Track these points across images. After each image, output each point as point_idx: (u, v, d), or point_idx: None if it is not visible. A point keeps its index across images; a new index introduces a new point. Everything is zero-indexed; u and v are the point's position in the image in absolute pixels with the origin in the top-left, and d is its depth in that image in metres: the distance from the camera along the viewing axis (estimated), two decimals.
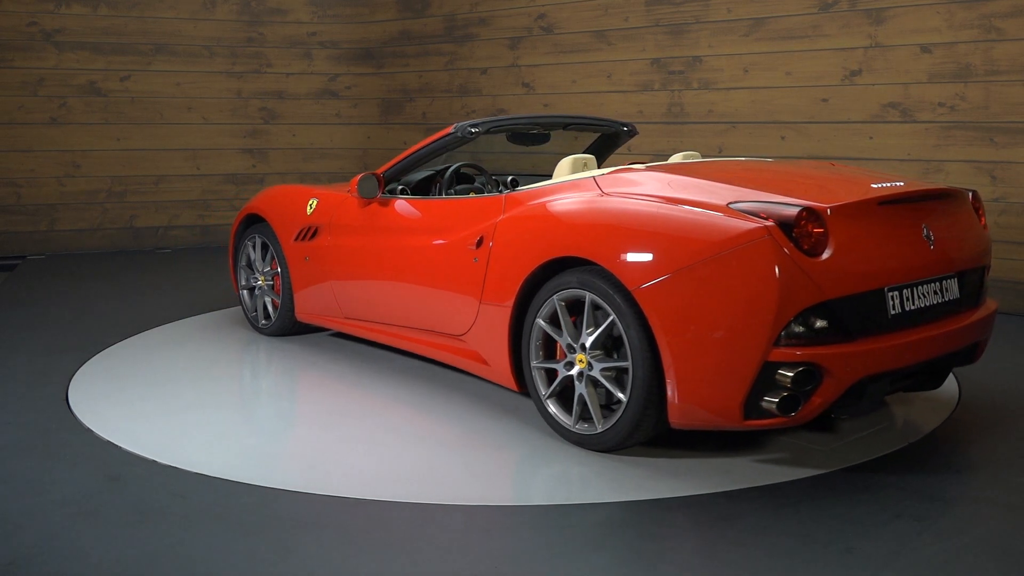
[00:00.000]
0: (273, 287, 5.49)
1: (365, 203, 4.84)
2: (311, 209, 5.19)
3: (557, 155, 4.65)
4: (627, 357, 3.42)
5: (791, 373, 3.16)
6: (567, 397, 3.73)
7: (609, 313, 3.47)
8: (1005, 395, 4.34)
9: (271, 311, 5.50)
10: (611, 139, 5.39)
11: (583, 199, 3.74)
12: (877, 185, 3.58)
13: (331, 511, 3.13)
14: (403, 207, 4.66)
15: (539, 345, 3.79)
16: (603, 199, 3.67)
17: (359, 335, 4.99)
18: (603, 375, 3.53)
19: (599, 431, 3.55)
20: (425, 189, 4.99)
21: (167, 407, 4.22)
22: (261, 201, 5.60)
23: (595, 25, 8.06)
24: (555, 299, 3.67)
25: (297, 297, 5.28)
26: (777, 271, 3.14)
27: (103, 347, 5.26)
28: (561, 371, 3.69)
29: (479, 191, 4.97)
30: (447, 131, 4.56)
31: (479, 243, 4.06)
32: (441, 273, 4.28)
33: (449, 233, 4.28)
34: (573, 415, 3.66)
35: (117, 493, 3.26)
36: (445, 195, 4.84)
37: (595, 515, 3.08)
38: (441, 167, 5.01)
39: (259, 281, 5.55)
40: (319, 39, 9.80)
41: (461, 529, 2.99)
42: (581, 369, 3.60)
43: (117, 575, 2.68)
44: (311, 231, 5.13)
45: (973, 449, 3.73)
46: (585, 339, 3.58)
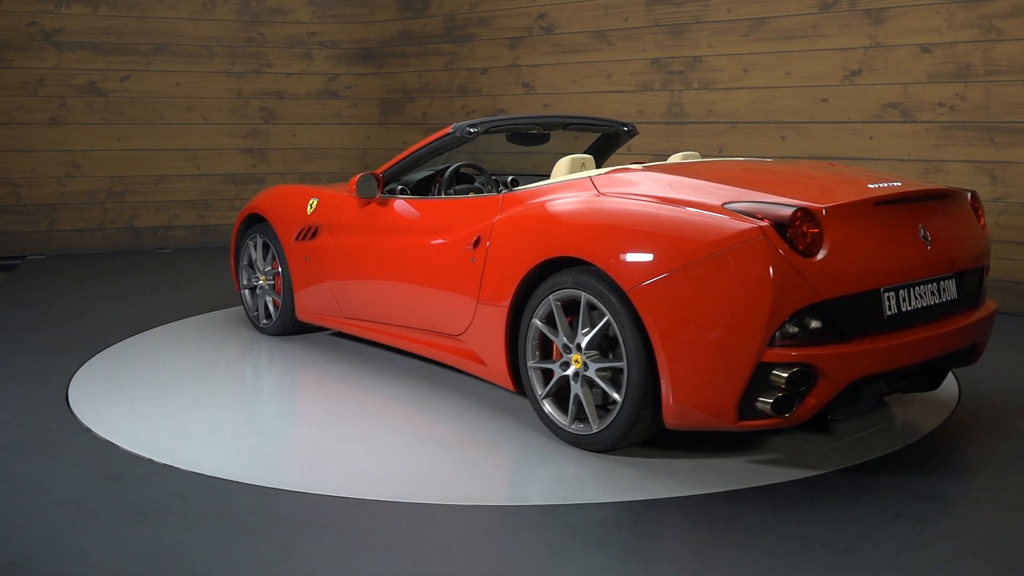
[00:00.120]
0: (274, 287, 5.49)
1: (364, 203, 4.85)
2: (311, 209, 5.20)
3: (557, 155, 4.65)
4: (622, 357, 3.42)
5: (785, 374, 3.15)
6: (563, 397, 3.72)
7: (604, 313, 3.47)
8: (1005, 395, 4.34)
9: (272, 311, 5.50)
10: (611, 139, 5.39)
11: (579, 199, 3.74)
12: (874, 185, 3.57)
13: (331, 511, 3.13)
14: (402, 207, 4.66)
15: (535, 345, 3.79)
16: (599, 199, 3.67)
17: (359, 335, 5.00)
18: (598, 375, 3.53)
19: (594, 431, 3.55)
20: (425, 189, 5.00)
21: (167, 407, 4.22)
22: (262, 201, 5.60)
23: (595, 25, 8.06)
24: (551, 299, 3.67)
25: (297, 297, 5.28)
26: (771, 271, 3.14)
27: (103, 347, 5.26)
28: (557, 371, 3.69)
29: (479, 191, 4.97)
30: (446, 131, 4.56)
31: (476, 243, 4.07)
32: (439, 273, 4.28)
33: (447, 233, 4.28)
34: (569, 415, 3.66)
35: (117, 493, 3.26)
36: (444, 195, 4.84)
37: (593, 515, 3.08)
38: (441, 167, 5.02)
39: (260, 281, 5.55)
40: (319, 39, 9.80)
41: (461, 529, 2.99)
42: (577, 369, 3.60)
43: (117, 575, 2.68)
44: (311, 231, 5.14)
45: (973, 449, 3.73)
46: (581, 339, 3.58)
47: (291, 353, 5.20)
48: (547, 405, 3.75)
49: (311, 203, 5.23)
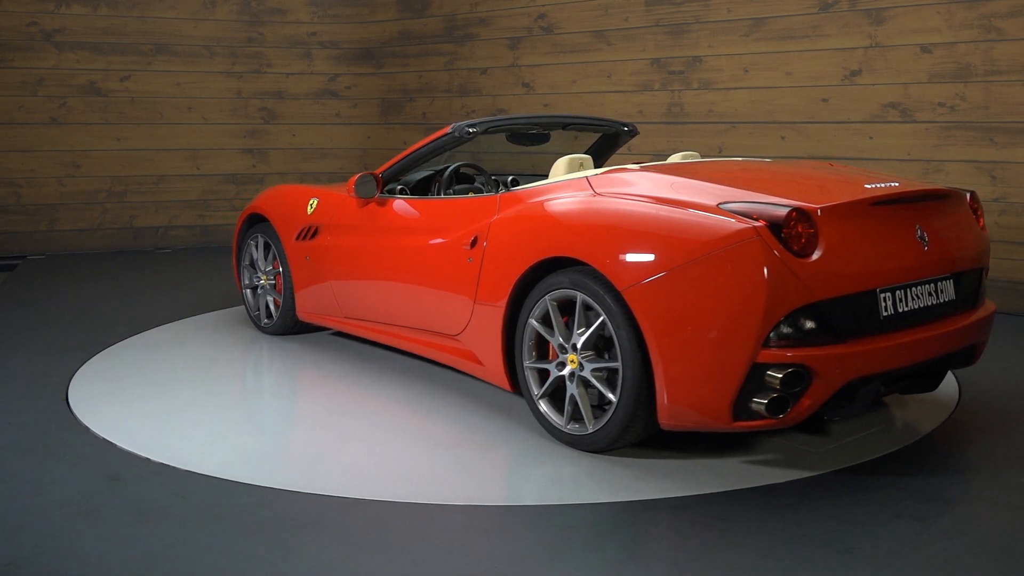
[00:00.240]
0: (275, 286, 5.49)
1: (364, 203, 4.85)
2: (311, 209, 5.20)
3: (557, 155, 4.65)
4: (617, 358, 3.41)
5: (780, 374, 3.14)
6: (559, 397, 3.72)
7: (600, 314, 3.46)
8: (1005, 395, 4.34)
9: (273, 310, 5.51)
10: (612, 139, 5.39)
11: (575, 199, 3.74)
12: (871, 185, 3.55)
13: (331, 511, 3.13)
14: (401, 207, 4.66)
15: (532, 345, 3.78)
16: (595, 199, 3.66)
17: (359, 334, 5.00)
18: (594, 376, 3.52)
19: (590, 431, 3.55)
20: (425, 189, 5.00)
21: (167, 407, 4.22)
22: (263, 201, 5.61)
23: (595, 25, 8.06)
24: (547, 299, 3.67)
25: (298, 296, 5.29)
26: (766, 272, 3.13)
27: (103, 347, 5.26)
28: (553, 371, 3.69)
29: (478, 191, 4.97)
30: (445, 131, 4.56)
31: (473, 243, 4.06)
32: (437, 273, 4.28)
33: (444, 233, 4.28)
34: (565, 415, 3.65)
35: (117, 493, 3.26)
36: (444, 195, 4.84)
37: (590, 515, 3.08)
38: (441, 167, 5.02)
39: (261, 280, 5.56)
40: (319, 39, 9.80)
41: (460, 529, 2.99)
42: (572, 370, 3.60)
43: (117, 575, 2.68)
44: (311, 231, 5.14)
45: (973, 449, 3.73)
46: (576, 340, 3.58)
47: (291, 353, 5.20)
48: (543, 405, 3.75)
49: (311, 203, 5.23)
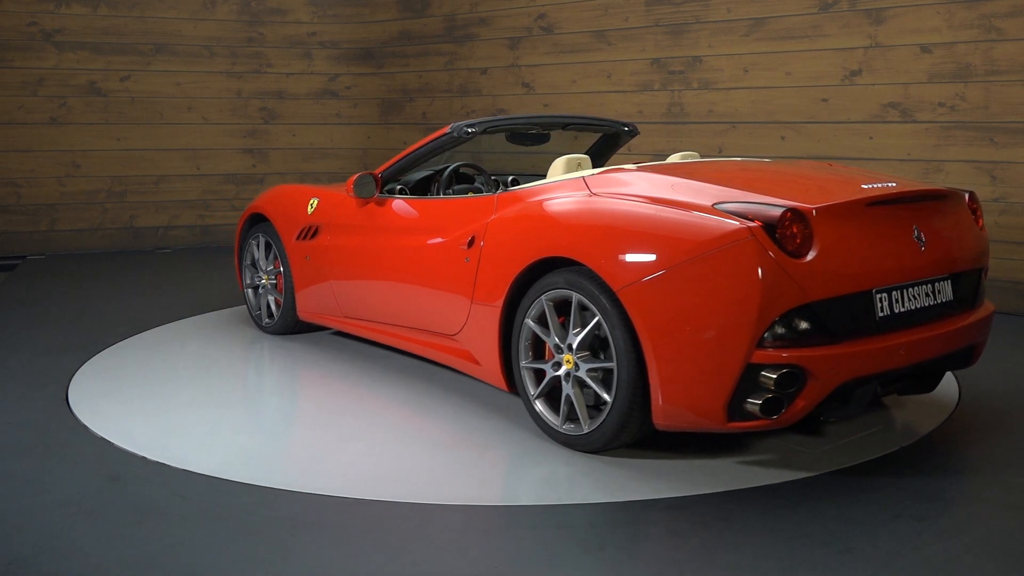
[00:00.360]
0: (276, 286, 5.50)
1: (363, 203, 4.85)
2: (312, 209, 5.20)
3: (558, 155, 4.65)
4: (612, 358, 3.41)
5: (774, 375, 3.13)
6: (555, 397, 3.72)
7: (595, 314, 3.46)
8: (1005, 395, 4.34)
9: (274, 310, 5.52)
10: (612, 139, 5.38)
11: (571, 199, 3.73)
12: (868, 186, 3.53)
13: (331, 511, 3.13)
14: (399, 207, 4.67)
15: (528, 345, 3.78)
16: (591, 199, 3.66)
17: (359, 334, 5.00)
18: (589, 376, 3.52)
19: (585, 432, 3.55)
20: (425, 189, 5.00)
21: (167, 407, 4.22)
22: (264, 200, 5.62)
23: (595, 25, 8.06)
24: (543, 299, 3.67)
25: (299, 296, 5.29)
26: (760, 272, 3.12)
27: (103, 347, 5.26)
28: (549, 372, 3.69)
29: (478, 191, 4.97)
30: (443, 131, 4.56)
31: (471, 243, 4.06)
32: (434, 273, 4.28)
33: (442, 233, 4.28)
34: (561, 416, 3.65)
35: (117, 493, 3.26)
36: (443, 195, 4.84)
37: (589, 516, 3.08)
38: (440, 167, 5.02)
39: (263, 280, 5.57)
40: (319, 39, 9.80)
41: (460, 529, 2.99)
42: (568, 370, 3.60)
43: (117, 575, 2.68)
44: (312, 230, 5.14)
45: (973, 449, 3.73)
46: (572, 340, 3.58)
47: (292, 352, 5.20)
48: (539, 405, 3.75)
49: (311, 203, 5.23)
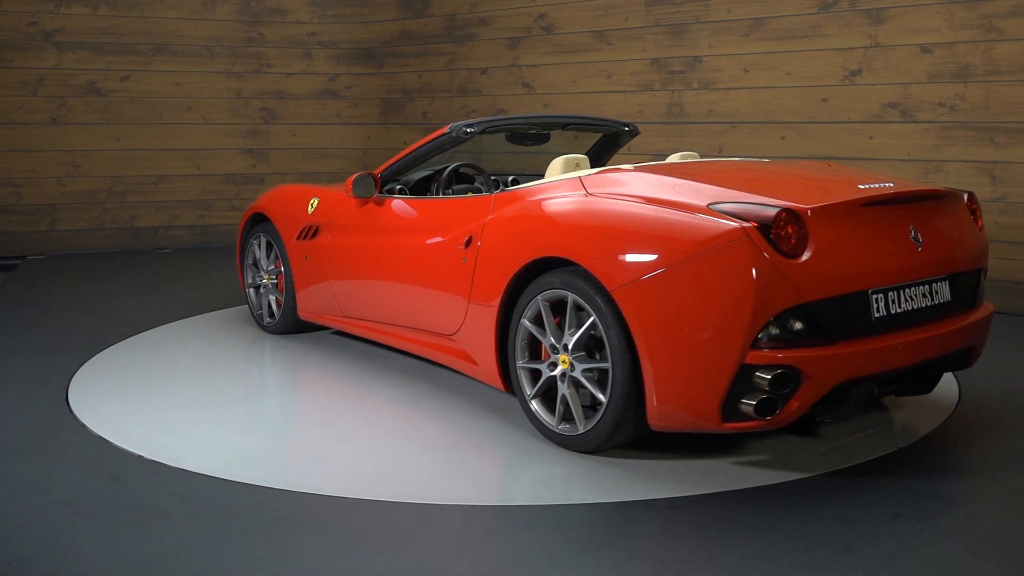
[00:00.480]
0: (277, 285, 5.51)
1: (362, 203, 4.85)
2: (312, 208, 5.21)
3: (558, 156, 4.65)
4: (607, 358, 3.41)
5: (768, 375, 3.12)
6: (551, 398, 3.71)
7: (590, 314, 3.45)
8: (1005, 396, 4.34)
9: (275, 309, 5.52)
10: (613, 139, 5.38)
11: (567, 199, 3.73)
12: (864, 186, 3.52)
13: (331, 511, 3.13)
14: (398, 207, 4.67)
15: (524, 345, 3.78)
16: (586, 199, 3.65)
17: (358, 334, 5.00)
18: (584, 376, 3.52)
19: (581, 432, 3.54)
20: (424, 189, 5.00)
21: (167, 406, 4.22)
22: (266, 200, 5.63)
23: (595, 25, 8.06)
24: (539, 299, 3.67)
25: (299, 296, 5.29)
26: (754, 273, 3.11)
27: (103, 347, 5.26)
28: (545, 372, 3.68)
29: (478, 191, 4.97)
30: (442, 131, 4.56)
31: (468, 243, 4.06)
32: (432, 273, 4.28)
33: (440, 233, 4.28)
34: (556, 416, 3.65)
35: (117, 493, 3.26)
36: (442, 195, 4.84)
37: (587, 516, 3.08)
38: (440, 167, 5.02)
39: (264, 280, 5.58)
40: (319, 39, 9.80)
41: (460, 529, 2.99)
42: (564, 370, 3.59)
43: (117, 575, 2.68)
44: (312, 230, 5.14)
45: (973, 449, 3.73)
46: (568, 340, 3.57)
47: (292, 352, 5.20)
48: (535, 405, 3.75)
49: (312, 203, 5.23)
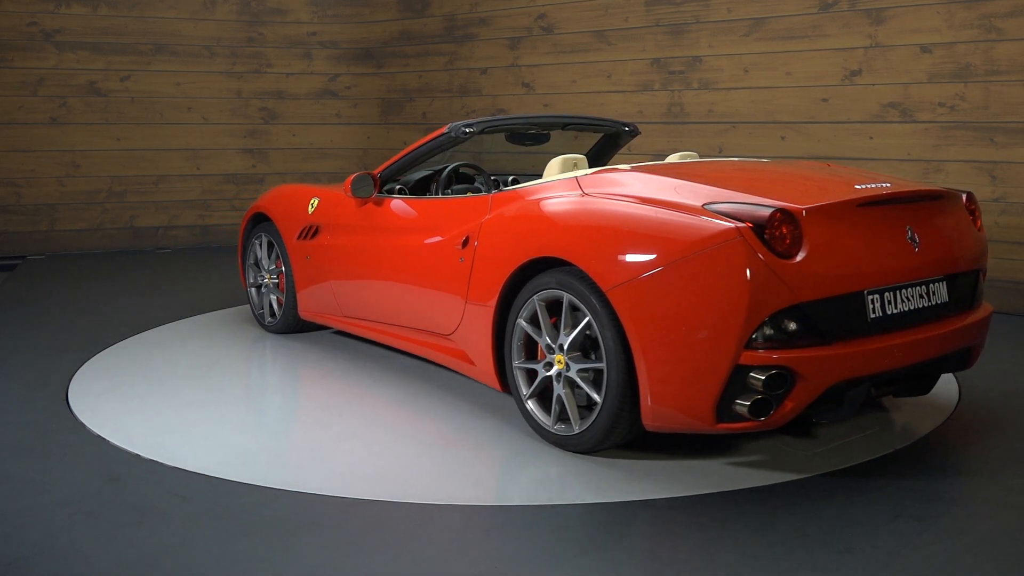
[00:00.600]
0: (278, 285, 5.52)
1: (362, 203, 4.85)
2: (312, 208, 5.21)
3: (558, 155, 4.65)
4: (603, 359, 3.40)
5: (762, 376, 3.11)
6: (547, 398, 3.71)
7: (586, 314, 3.45)
8: (1005, 396, 4.34)
9: (276, 309, 5.53)
10: (613, 139, 5.38)
11: (563, 199, 3.73)
12: (861, 186, 3.50)
13: (331, 511, 3.13)
14: (397, 207, 4.67)
15: (521, 346, 3.78)
16: (582, 200, 3.65)
17: (358, 334, 5.01)
18: (580, 376, 3.52)
19: (576, 432, 3.54)
20: (424, 189, 5.00)
21: (166, 406, 4.22)
22: (267, 200, 5.64)
23: (595, 25, 8.06)
24: (535, 299, 3.67)
25: (300, 295, 5.30)
26: (748, 273, 3.10)
27: (103, 347, 5.26)
28: (541, 372, 3.68)
29: (477, 191, 4.97)
30: (441, 131, 4.56)
31: (465, 243, 4.06)
32: (430, 272, 4.29)
33: (438, 233, 4.28)
34: (552, 416, 3.65)
35: (117, 493, 3.26)
36: (442, 195, 4.84)
37: (588, 516, 3.08)
38: (440, 167, 5.02)
39: (265, 279, 5.59)
40: (319, 39, 9.80)
41: (460, 529, 2.99)
42: (559, 370, 3.59)
43: (117, 575, 2.68)
44: (312, 230, 5.15)
45: (972, 449, 3.73)
46: (563, 340, 3.57)
47: (293, 351, 5.20)
48: (531, 405, 3.74)
49: (312, 203, 5.24)
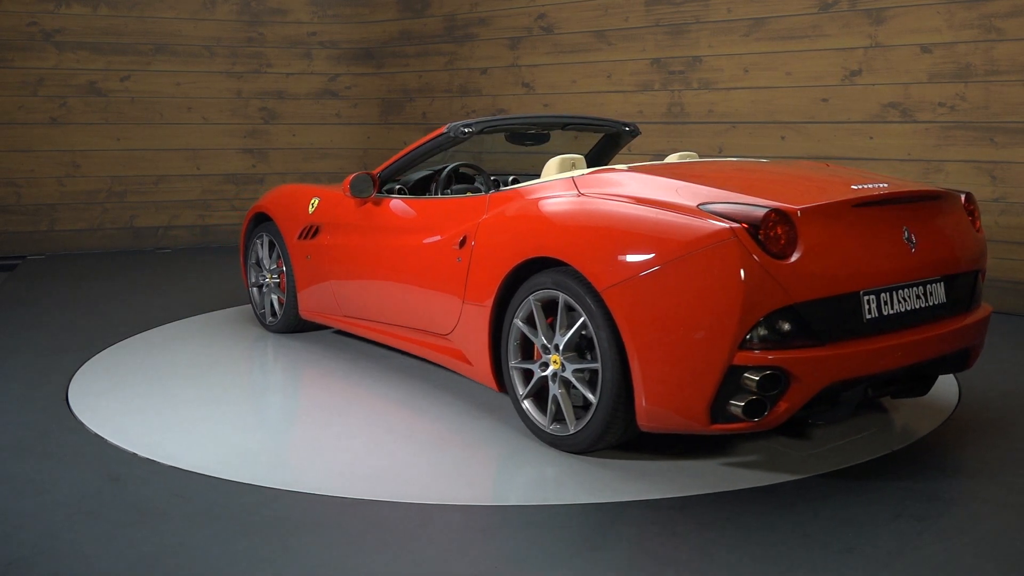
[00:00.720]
0: (279, 284, 5.52)
1: (361, 202, 4.86)
2: (312, 208, 5.21)
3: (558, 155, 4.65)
4: (598, 359, 3.40)
5: (756, 377, 3.10)
6: (543, 398, 3.71)
7: (581, 314, 3.45)
8: (1005, 396, 4.34)
9: (277, 308, 5.54)
10: (614, 139, 5.38)
11: (559, 199, 3.72)
12: (858, 187, 3.49)
13: (331, 511, 3.13)
14: (396, 206, 4.67)
15: (517, 346, 3.78)
16: (577, 200, 3.65)
17: (358, 334, 5.01)
18: (575, 376, 3.51)
19: (571, 432, 3.54)
20: (424, 188, 5.00)
21: (166, 406, 4.22)
22: (268, 200, 5.65)
23: (595, 25, 8.06)
24: (531, 299, 3.67)
25: (300, 295, 5.30)
26: (742, 274, 3.09)
27: (103, 347, 5.26)
28: (536, 372, 3.68)
29: (477, 191, 4.97)
30: (440, 131, 4.57)
31: (462, 243, 4.07)
32: (428, 272, 4.29)
33: (436, 232, 4.28)
34: (548, 416, 3.65)
35: (117, 493, 3.26)
36: (441, 195, 4.84)
37: (586, 516, 3.08)
38: (439, 167, 5.02)
39: (266, 279, 5.60)
40: (319, 39, 9.80)
41: (459, 529, 2.99)
42: (555, 370, 3.59)
43: (117, 575, 2.68)
44: (312, 230, 5.15)
45: (973, 449, 3.73)
46: (559, 340, 3.57)
47: (294, 351, 5.20)
48: (527, 405, 3.74)
49: (312, 202, 5.24)
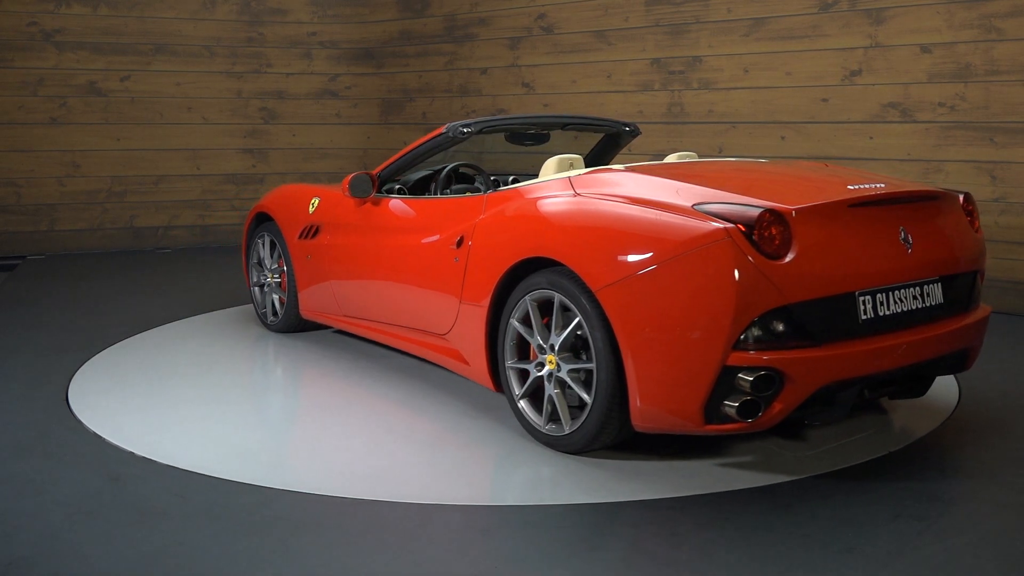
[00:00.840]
0: (280, 284, 5.53)
1: (360, 202, 4.86)
2: (313, 208, 5.22)
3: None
4: (593, 359, 3.40)
5: (750, 378, 3.10)
6: (539, 398, 3.71)
7: (576, 314, 3.45)
8: (1005, 396, 4.34)
9: (278, 308, 5.55)
10: (614, 139, 5.38)
11: (555, 199, 3.73)
12: (854, 187, 3.48)
13: (331, 511, 3.13)
14: (395, 206, 4.67)
15: (513, 346, 3.78)
16: (573, 200, 3.65)
17: (358, 333, 5.01)
18: (570, 377, 3.51)
19: (567, 432, 3.54)
20: (423, 188, 5.00)
21: (166, 406, 4.22)
22: (269, 200, 5.66)
23: (595, 25, 8.06)
24: (527, 299, 3.67)
25: (301, 295, 5.31)
26: (736, 274, 3.09)
27: (103, 347, 5.26)
28: (532, 372, 3.68)
29: (476, 191, 4.97)
30: (439, 131, 4.57)
31: (459, 243, 4.07)
32: (426, 272, 4.29)
33: (434, 232, 4.28)
34: (544, 416, 3.65)
35: (117, 493, 3.26)
36: (440, 195, 4.85)
37: (584, 516, 3.08)
38: (439, 167, 5.02)
39: (268, 278, 5.60)
40: (319, 39, 9.80)
41: (459, 529, 2.99)
42: (550, 370, 3.59)
43: (117, 575, 2.68)
44: (313, 230, 5.16)
45: (972, 449, 3.73)
46: (554, 340, 3.57)
47: (294, 351, 5.20)
48: (523, 405, 3.74)
49: (313, 202, 5.24)
